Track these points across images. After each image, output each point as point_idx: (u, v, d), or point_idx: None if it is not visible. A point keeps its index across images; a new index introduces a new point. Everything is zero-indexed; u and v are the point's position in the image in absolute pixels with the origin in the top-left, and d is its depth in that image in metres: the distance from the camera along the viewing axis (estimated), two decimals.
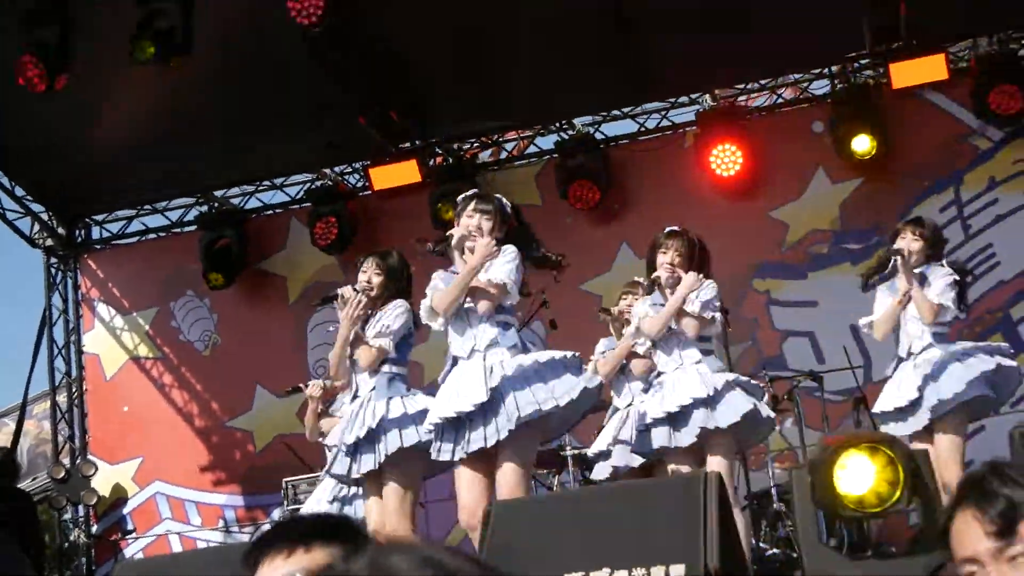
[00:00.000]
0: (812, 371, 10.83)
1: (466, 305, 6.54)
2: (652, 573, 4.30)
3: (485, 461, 6.38)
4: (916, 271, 7.85)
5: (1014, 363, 7.88)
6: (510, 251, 6.60)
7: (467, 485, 6.39)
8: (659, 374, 7.35)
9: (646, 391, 7.81)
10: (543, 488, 10.36)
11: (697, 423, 6.87)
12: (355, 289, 7.27)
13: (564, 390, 6.31)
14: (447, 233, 6.60)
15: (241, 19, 12.08)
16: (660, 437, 7.01)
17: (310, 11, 10.54)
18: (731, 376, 7.15)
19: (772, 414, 7.29)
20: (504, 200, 6.83)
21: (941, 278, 7.85)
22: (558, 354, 6.45)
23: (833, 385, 10.99)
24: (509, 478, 6.21)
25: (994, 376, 7.71)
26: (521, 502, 5.64)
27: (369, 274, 7.40)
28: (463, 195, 6.91)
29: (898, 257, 7.84)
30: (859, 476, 4.46)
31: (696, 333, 7.12)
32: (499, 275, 6.46)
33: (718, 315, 7.22)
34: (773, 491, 9.77)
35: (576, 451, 9.97)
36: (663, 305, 7.24)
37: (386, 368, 7.17)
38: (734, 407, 6.93)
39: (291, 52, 11.95)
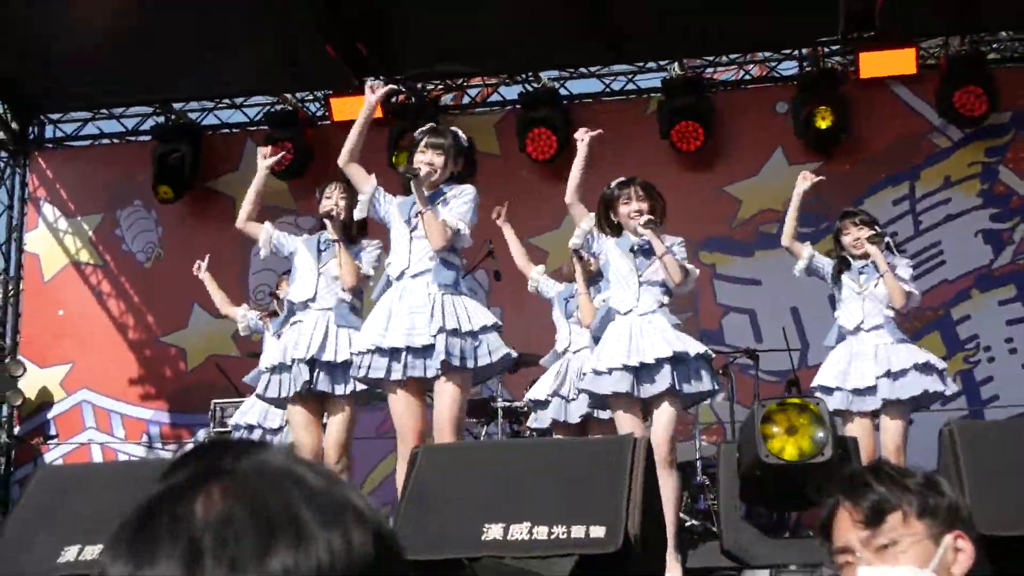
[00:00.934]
0: (749, 348, 10.88)
1: (415, 234, 6.53)
2: (572, 532, 4.30)
3: (419, 386, 6.43)
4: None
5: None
6: (469, 192, 6.60)
7: (406, 409, 6.38)
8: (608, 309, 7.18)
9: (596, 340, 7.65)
10: (470, 437, 10.37)
11: (666, 379, 6.73)
12: (328, 212, 7.35)
13: (496, 346, 6.42)
14: (414, 167, 6.54)
15: None
16: (623, 383, 6.80)
17: None
18: (698, 345, 7.00)
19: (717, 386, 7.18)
20: (460, 134, 6.82)
21: (906, 267, 7.92)
22: (489, 319, 6.47)
23: (768, 365, 11.06)
24: (449, 403, 6.26)
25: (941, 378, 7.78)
26: (449, 448, 5.64)
27: (335, 198, 7.41)
28: (419, 129, 6.89)
29: (874, 246, 7.85)
30: (786, 430, 4.51)
31: (680, 280, 7.01)
32: (454, 218, 6.45)
33: (696, 270, 7.17)
34: (698, 463, 9.81)
35: (507, 404, 9.98)
36: (632, 249, 7.10)
37: (347, 297, 7.24)
38: (702, 382, 6.83)
39: None
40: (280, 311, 8.93)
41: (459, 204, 6.53)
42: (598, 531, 4.28)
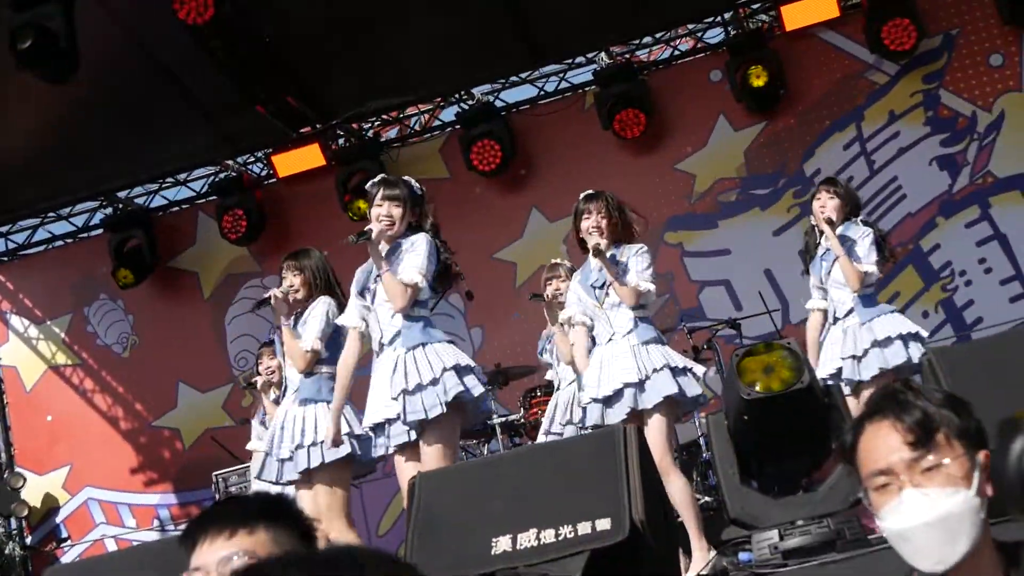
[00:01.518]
0: (730, 318, 10.93)
1: (377, 302, 6.51)
2: (579, 529, 4.31)
3: (414, 447, 6.39)
4: (837, 232, 7.95)
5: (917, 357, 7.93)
6: (420, 243, 6.49)
7: (406, 474, 6.34)
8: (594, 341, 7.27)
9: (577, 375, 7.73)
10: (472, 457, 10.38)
11: (627, 404, 6.81)
12: (278, 294, 7.29)
13: (471, 385, 6.37)
14: (366, 228, 6.48)
15: (125, 19, 11.92)
16: (593, 415, 6.94)
17: (199, 10, 10.41)
18: (661, 358, 7.03)
19: (699, 391, 7.21)
20: (414, 183, 6.72)
21: (863, 239, 7.96)
22: (463, 360, 6.44)
23: (752, 331, 11.10)
24: (433, 459, 6.23)
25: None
26: (444, 471, 5.64)
27: (288, 278, 7.40)
28: (371, 182, 6.76)
29: (828, 227, 7.93)
30: (763, 370, 4.54)
31: (634, 302, 7.06)
32: (409, 274, 6.38)
33: (652, 286, 7.20)
34: (701, 441, 9.84)
35: (503, 419, 9.99)
36: (595, 285, 7.16)
37: (319, 368, 7.24)
38: (658, 390, 6.84)
39: (180, 49, 11.84)
40: (264, 392, 8.97)
41: (412, 257, 6.43)
42: (604, 523, 4.28)
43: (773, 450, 4.91)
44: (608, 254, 7.02)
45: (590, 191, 7.32)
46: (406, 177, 6.81)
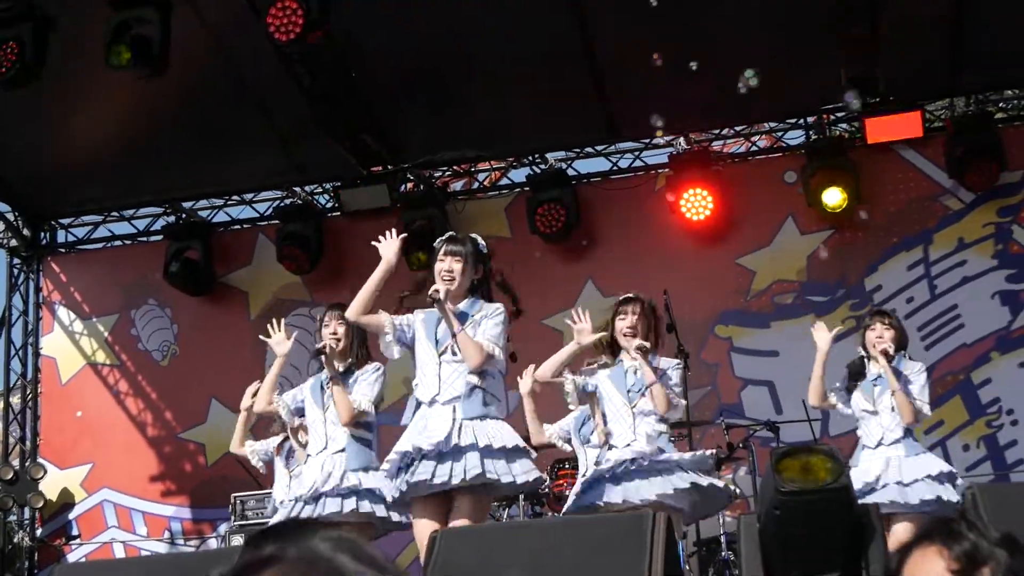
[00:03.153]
0: (769, 420, 10.81)
1: (444, 359, 6.47)
2: None
3: (438, 510, 6.34)
4: (892, 365, 7.92)
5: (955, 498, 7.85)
6: (499, 313, 6.54)
7: (425, 531, 6.23)
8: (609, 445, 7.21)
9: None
10: (492, 520, 10.30)
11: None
12: (334, 345, 7.32)
13: (523, 470, 6.32)
14: (434, 290, 6.46)
15: (218, 34, 12.05)
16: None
17: (288, 28, 10.47)
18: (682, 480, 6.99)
19: (721, 486, 7.19)
20: (479, 240, 6.72)
21: (918, 374, 7.98)
22: (521, 443, 6.44)
23: (789, 436, 10.97)
24: (468, 519, 6.19)
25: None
26: (467, 530, 5.59)
27: (333, 326, 7.40)
28: (438, 240, 6.78)
29: (884, 358, 7.89)
30: (801, 468, 4.48)
31: (665, 410, 7.03)
32: (490, 342, 6.42)
33: (682, 402, 7.19)
34: (723, 539, 9.72)
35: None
36: (631, 388, 7.12)
37: (358, 432, 7.24)
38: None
39: (265, 70, 11.95)
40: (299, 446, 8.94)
41: (491, 326, 6.48)
42: None
43: (802, 553, 4.82)
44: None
45: (629, 294, 7.31)
46: (473, 235, 6.80)
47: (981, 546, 2.40)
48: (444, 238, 6.74)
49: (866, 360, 8.16)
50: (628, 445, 6.94)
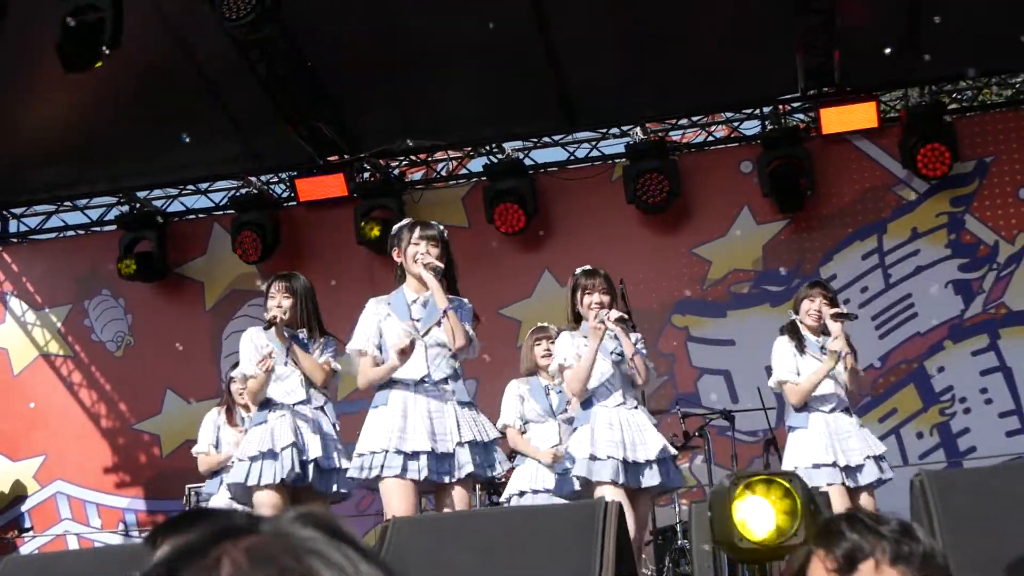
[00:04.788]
0: (725, 409, 10.84)
1: (428, 337, 6.44)
2: None
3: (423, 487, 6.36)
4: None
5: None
6: (469, 307, 6.66)
7: (408, 509, 6.18)
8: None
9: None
10: None
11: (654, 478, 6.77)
12: (283, 316, 7.20)
13: (499, 460, 6.49)
14: (431, 264, 6.42)
15: (172, 20, 11.96)
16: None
17: (239, 6, 10.37)
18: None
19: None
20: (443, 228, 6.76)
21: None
22: (497, 433, 6.66)
23: (745, 425, 11.02)
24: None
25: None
26: (420, 519, 5.57)
27: (278, 299, 7.29)
28: (401, 224, 6.78)
29: (834, 324, 7.93)
30: (758, 511, 4.44)
31: (645, 381, 7.06)
32: (468, 328, 6.48)
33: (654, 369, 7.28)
34: (678, 527, 9.76)
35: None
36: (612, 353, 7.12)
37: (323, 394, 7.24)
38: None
39: (220, 57, 11.88)
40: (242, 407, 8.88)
41: (465, 314, 6.57)
42: None
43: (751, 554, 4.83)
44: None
45: (587, 267, 7.29)
46: (434, 221, 6.81)
47: (860, 544, 2.54)
48: (415, 222, 6.74)
49: (801, 331, 8.16)
50: (619, 406, 6.97)
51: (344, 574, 1.20)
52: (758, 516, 4.41)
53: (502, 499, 8.95)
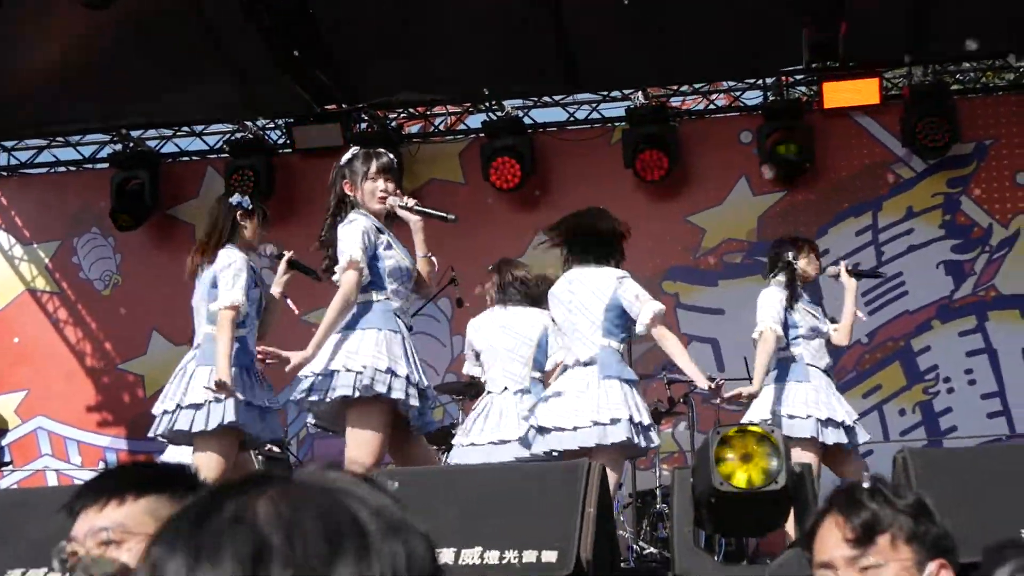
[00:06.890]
0: (711, 376, 10.82)
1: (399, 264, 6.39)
2: (524, 557, 4.24)
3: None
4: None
5: None
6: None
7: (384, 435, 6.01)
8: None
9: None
10: None
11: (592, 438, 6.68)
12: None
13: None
14: (410, 201, 6.40)
15: None
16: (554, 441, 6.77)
17: None
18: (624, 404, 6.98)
19: (647, 443, 7.18)
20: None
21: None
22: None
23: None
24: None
25: None
26: (400, 473, 5.56)
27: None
28: (350, 155, 6.57)
29: (849, 278, 8.06)
30: (741, 457, 4.46)
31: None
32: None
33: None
34: (658, 492, 9.80)
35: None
36: None
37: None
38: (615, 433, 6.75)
39: (223, 5, 11.78)
40: None
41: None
42: (550, 556, 4.21)
43: (733, 526, 4.84)
44: None
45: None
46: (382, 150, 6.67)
47: (881, 515, 2.53)
48: (369, 152, 6.54)
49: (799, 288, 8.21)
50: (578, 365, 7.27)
51: (380, 511, 1.27)
52: (739, 463, 4.43)
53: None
